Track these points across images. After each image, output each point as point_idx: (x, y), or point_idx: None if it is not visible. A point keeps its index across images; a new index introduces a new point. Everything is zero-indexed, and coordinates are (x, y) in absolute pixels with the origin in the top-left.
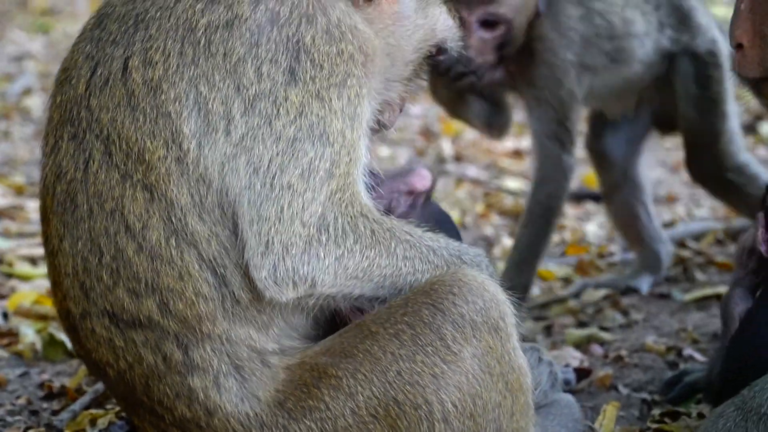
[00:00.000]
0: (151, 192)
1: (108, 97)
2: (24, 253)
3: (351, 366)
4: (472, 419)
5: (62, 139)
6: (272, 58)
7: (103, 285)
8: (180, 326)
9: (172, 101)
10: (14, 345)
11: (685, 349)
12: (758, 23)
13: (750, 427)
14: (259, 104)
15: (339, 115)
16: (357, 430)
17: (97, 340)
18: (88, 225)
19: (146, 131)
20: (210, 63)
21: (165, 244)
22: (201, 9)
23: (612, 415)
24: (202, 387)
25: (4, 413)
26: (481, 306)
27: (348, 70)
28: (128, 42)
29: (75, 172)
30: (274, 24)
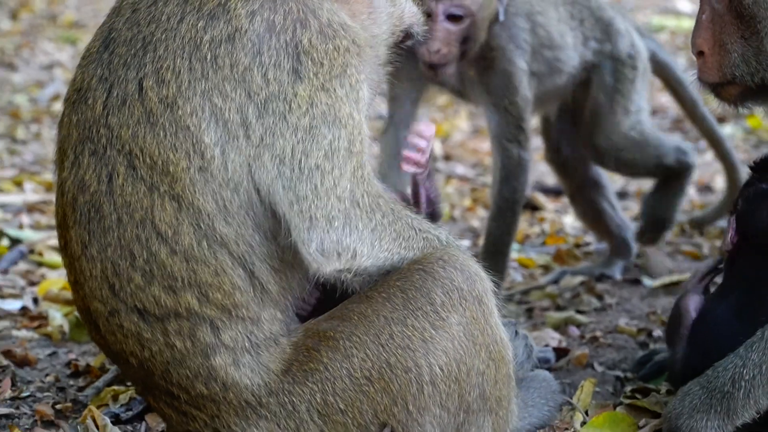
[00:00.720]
0: (179, 202)
1: (127, 115)
2: (53, 244)
3: (347, 329)
4: (457, 383)
5: (83, 155)
6: (276, 63)
7: (134, 285)
8: (218, 312)
9: (189, 115)
10: (44, 327)
11: (655, 330)
12: (718, 32)
13: (714, 403)
14: (271, 105)
15: (345, 101)
16: (353, 392)
17: (124, 334)
18: (118, 233)
19: (168, 145)
20: (219, 75)
21: (197, 246)
22: (203, 26)
23: (588, 391)
24: (222, 365)
25: (34, 389)
26: (468, 275)
27: (345, 61)
28: (140, 64)
29: (98, 185)
30: (272, 32)
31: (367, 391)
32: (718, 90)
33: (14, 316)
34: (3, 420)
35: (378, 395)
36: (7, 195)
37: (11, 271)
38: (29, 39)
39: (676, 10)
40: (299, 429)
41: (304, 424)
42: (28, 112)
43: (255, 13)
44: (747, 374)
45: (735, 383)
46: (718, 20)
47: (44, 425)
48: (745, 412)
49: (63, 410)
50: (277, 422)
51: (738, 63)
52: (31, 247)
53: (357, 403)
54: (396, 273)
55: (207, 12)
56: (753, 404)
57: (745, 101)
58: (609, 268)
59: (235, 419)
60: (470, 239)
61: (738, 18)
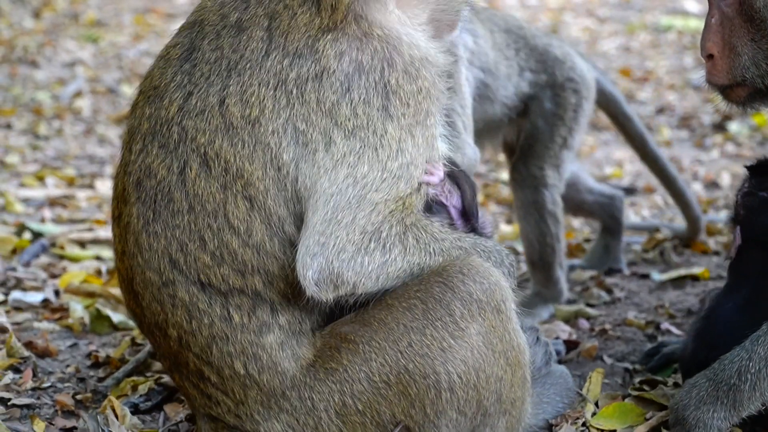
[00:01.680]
0: (251, 202)
1: (205, 122)
2: (74, 237)
3: (367, 334)
4: (475, 390)
5: (152, 145)
6: (365, 100)
7: (202, 263)
8: (279, 297)
9: (271, 134)
10: (65, 319)
11: (663, 323)
12: (727, 36)
13: (720, 395)
14: (360, 133)
15: (422, 155)
16: (371, 395)
17: (174, 304)
18: (189, 218)
19: (245, 155)
20: (305, 108)
21: (269, 241)
22: (288, 64)
23: (597, 382)
24: (271, 344)
25: (55, 380)
26: (486, 287)
27: (428, 109)
28: (224, 84)
29: (168, 174)
30: (361, 72)
31: (385, 395)
32: (727, 92)
33: (36, 308)
34: (24, 410)
35: (396, 398)
36: (29, 190)
37: (33, 264)
38: (52, 37)
39: (683, 10)
40: (318, 426)
41: (323, 422)
42: (50, 109)
43: (343, 53)
44: (753, 367)
45: (741, 376)
46: (728, 23)
47: (64, 415)
48: (751, 404)
49: (83, 400)
50: (297, 418)
51: (748, 66)
52: (52, 240)
53: (375, 405)
54: (416, 283)
55: (293, 51)
56: (759, 396)
57: (753, 102)
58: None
59: (259, 408)
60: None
61: (748, 21)
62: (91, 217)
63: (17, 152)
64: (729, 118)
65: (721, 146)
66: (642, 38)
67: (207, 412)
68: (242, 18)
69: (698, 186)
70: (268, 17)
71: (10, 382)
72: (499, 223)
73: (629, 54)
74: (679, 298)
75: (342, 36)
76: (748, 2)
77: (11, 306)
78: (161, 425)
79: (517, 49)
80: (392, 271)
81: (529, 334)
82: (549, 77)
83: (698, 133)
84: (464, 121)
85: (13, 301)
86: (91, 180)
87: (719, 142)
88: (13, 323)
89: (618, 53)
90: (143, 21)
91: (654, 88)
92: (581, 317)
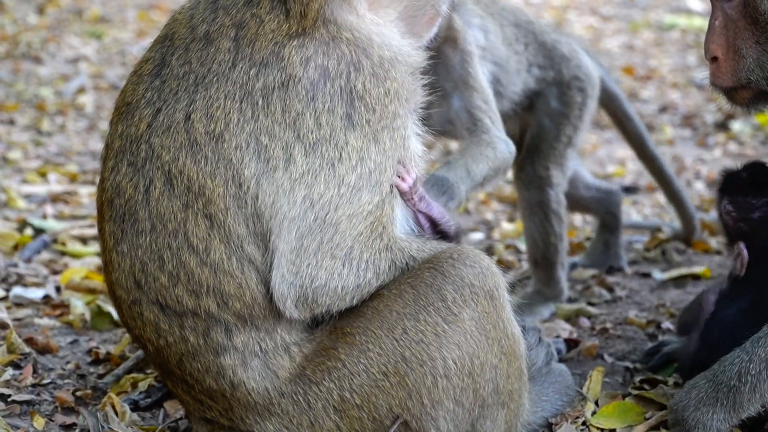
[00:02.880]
0: (211, 220)
1: (170, 139)
2: (76, 234)
3: (362, 324)
4: (470, 377)
5: (122, 164)
6: (329, 109)
7: (160, 284)
8: (234, 319)
9: (234, 149)
10: (65, 316)
11: (664, 322)
12: (731, 38)
13: (720, 397)
14: (321, 147)
15: (391, 158)
16: (369, 387)
17: (143, 321)
18: (150, 238)
19: (207, 172)
20: (269, 119)
21: (227, 260)
22: (255, 74)
23: (598, 381)
24: (231, 365)
25: (55, 377)
26: (478, 271)
27: (395, 111)
28: (190, 99)
29: (135, 193)
30: (326, 78)
31: (383, 386)
32: (732, 94)
33: (37, 304)
34: (24, 406)
35: (393, 389)
36: (31, 186)
37: (34, 260)
38: (55, 33)
39: (687, 8)
40: (314, 425)
41: (320, 420)
42: (53, 105)
43: (309, 59)
44: (753, 369)
45: (741, 377)
46: (732, 26)
47: (64, 412)
48: (751, 406)
49: (83, 397)
50: (290, 419)
51: (753, 68)
52: (54, 236)
53: (372, 398)
54: (407, 272)
55: (259, 60)
56: (759, 398)
57: (757, 104)
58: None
59: (247, 413)
60: (484, 232)
61: (753, 24)
62: (92, 213)
63: (20, 148)
64: (732, 117)
65: (724, 145)
66: (645, 36)
67: (201, 416)
68: (210, 30)
69: (700, 185)
70: (236, 27)
71: (11, 378)
72: (500, 221)
73: (632, 52)
74: (680, 297)
75: (309, 41)
76: (752, 5)
77: (12, 302)
78: (161, 422)
79: (526, 44)
80: (367, 291)
81: (531, 335)
82: (556, 74)
83: (701, 131)
84: (491, 117)
85: (14, 297)
86: (94, 176)
87: (722, 141)
88: (14, 319)
89: (621, 51)
90: (147, 17)
91: (657, 86)
92: (582, 316)
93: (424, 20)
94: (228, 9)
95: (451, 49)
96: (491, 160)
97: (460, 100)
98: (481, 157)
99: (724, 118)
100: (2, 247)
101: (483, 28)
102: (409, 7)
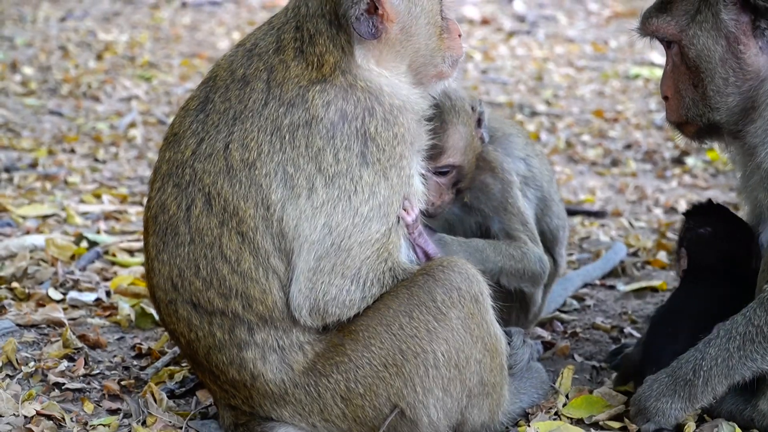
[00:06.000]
0: (243, 236)
1: (211, 165)
2: (124, 246)
3: (364, 321)
4: (457, 369)
5: (167, 185)
6: (346, 146)
7: (195, 287)
8: (257, 319)
9: (264, 176)
10: (114, 316)
11: (626, 327)
12: (676, 81)
13: (678, 389)
14: (339, 180)
15: (397, 193)
16: (372, 378)
17: (178, 318)
18: (189, 249)
19: (241, 195)
20: (295, 152)
21: (254, 270)
22: (283, 112)
23: (568, 377)
24: (252, 359)
25: (103, 368)
26: (465, 278)
27: (401, 152)
28: (229, 131)
29: (177, 211)
30: (345, 120)
31: (383, 376)
32: (681, 128)
33: (89, 306)
34: (76, 393)
35: (392, 379)
36: (87, 205)
37: (88, 269)
38: (111, 76)
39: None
40: (323, 412)
41: (329, 407)
42: (108, 137)
43: (330, 103)
44: (705, 365)
45: (696, 373)
46: (676, 70)
47: (110, 398)
48: (704, 398)
49: (127, 386)
50: (303, 407)
51: (690, 106)
52: (105, 248)
53: (374, 387)
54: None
55: (287, 100)
56: (710, 390)
57: (702, 137)
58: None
59: (264, 401)
60: None
61: (689, 69)
62: (139, 229)
63: (79, 173)
64: (687, 154)
65: (680, 177)
66: (614, 85)
67: (226, 402)
68: (246, 73)
69: (659, 211)
70: (267, 71)
71: (65, 369)
72: None
73: (603, 98)
74: (640, 306)
75: (330, 87)
76: (685, 53)
77: (68, 304)
78: (193, 408)
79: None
80: (371, 301)
81: (516, 337)
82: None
83: (660, 166)
84: (528, 235)
85: (70, 299)
86: (141, 198)
87: (678, 173)
88: (69, 319)
89: (593, 97)
90: (190, 63)
91: (623, 127)
92: (556, 321)
93: (430, 75)
94: (261, 56)
95: (490, 178)
96: (515, 260)
97: (500, 223)
98: (505, 252)
99: (680, 154)
100: (61, 257)
101: (526, 160)
102: (414, 64)
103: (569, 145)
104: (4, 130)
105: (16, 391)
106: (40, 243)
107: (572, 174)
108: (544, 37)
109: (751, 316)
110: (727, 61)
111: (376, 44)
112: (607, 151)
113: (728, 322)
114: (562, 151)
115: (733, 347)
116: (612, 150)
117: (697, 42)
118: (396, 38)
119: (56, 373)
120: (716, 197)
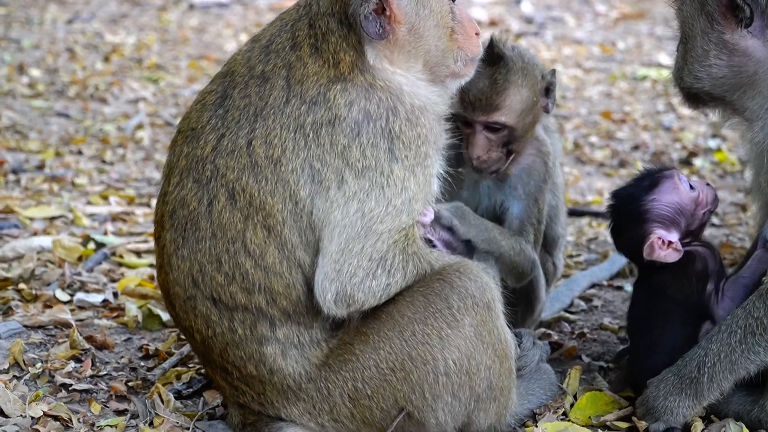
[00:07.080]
0: (269, 230)
1: (234, 161)
2: (131, 248)
3: (376, 325)
4: (467, 375)
5: (187, 180)
6: (373, 144)
7: (216, 282)
8: (280, 314)
9: (290, 172)
10: (121, 317)
11: None
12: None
13: (684, 387)
14: (369, 173)
15: (422, 191)
16: (379, 380)
17: (196, 314)
18: (210, 244)
19: (267, 190)
20: (320, 149)
21: (279, 264)
22: (306, 110)
23: (576, 378)
24: (272, 353)
25: (110, 369)
26: (479, 285)
27: (426, 152)
28: (251, 127)
29: (198, 205)
30: (369, 119)
31: (390, 380)
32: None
33: (97, 307)
34: (84, 394)
35: (399, 384)
36: (95, 207)
37: (96, 270)
38: (119, 78)
39: (658, 62)
40: (332, 410)
41: (337, 406)
42: (115, 138)
43: (353, 102)
44: (709, 362)
45: (700, 370)
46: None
47: (118, 399)
48: (711, 394)
49: (134, 387)
50: (313, 404)
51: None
52: (113, 250)
53: (381, 390)
54: (419, 281)
55: (309, 99)
56: (716, 387)
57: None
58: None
59: (277, 398)
60: None
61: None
62: (146, 230)
63: (86, 175)
64: (695, 155)
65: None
66: (621, 86)
67: (236, 401)
68: (265, 69)
69: None
70: (286, 68)
71: (72, 370)
72: None
73: (610, 99)
74: None
75: (351, 87)
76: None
77: (76, 305)
78: (200, 408)
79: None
80: (393, 291)
81: (526, 339)
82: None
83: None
84: (535, 235)
85: (78, 301)
86: (148, 199)
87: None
88: (76, 320)
89: (600, 98)
90: (197, 65)
91: (631, 128)
92: (564, 322)
93: (443, 75)
94: (279, 53)
95: (541, 164)
96: (515, 252)
97: (522, 211)
98: (509, 241)
99: (688, 156)
100: (69, 259)
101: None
102: (428, 63)
103: (577, 146)
104: (12, 132)
105: (24, 392)
106: (47, 244)
107: (580, 175)
108: (551, 38)
109: (751, 308)
110: (709, 35)
111: (386, 44)
112: (614, 152)
113: (729, 316)
114: (570, 152)
115: (735, 341)
116: (620, 151)
117: (684, 9)
118: (405, 39)
119: (63, 374)
120: (724, 198)
